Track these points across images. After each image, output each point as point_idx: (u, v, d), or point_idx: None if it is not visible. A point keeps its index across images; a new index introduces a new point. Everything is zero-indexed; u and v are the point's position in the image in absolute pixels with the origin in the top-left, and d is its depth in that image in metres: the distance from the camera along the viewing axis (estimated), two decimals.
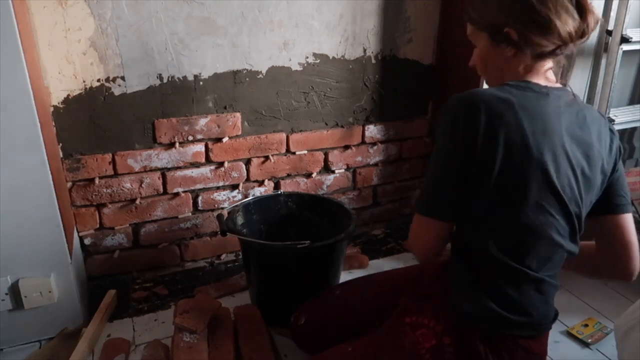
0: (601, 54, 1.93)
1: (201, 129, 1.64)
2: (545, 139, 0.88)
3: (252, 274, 1.55)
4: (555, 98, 0.93)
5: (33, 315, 1.38)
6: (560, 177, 0.90)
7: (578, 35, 0.91)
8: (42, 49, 1.38)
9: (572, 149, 0.91)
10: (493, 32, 0.95)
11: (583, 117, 0.94)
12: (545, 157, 0.88)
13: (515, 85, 0.92)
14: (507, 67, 0.97)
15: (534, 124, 0.88)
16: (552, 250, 0.94)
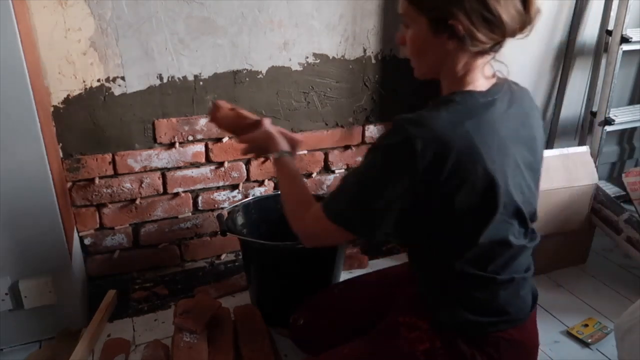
0: (601, 54, 1.93)
1: (201, 128, 1.64)
2: (502, 157, 0.86)
3: (252, 274, 1.55)
4: (500, 103, 0.90)
5: (33, 315, 1.38)
6: (516, 187, 0.90)
7: (521, 28, 0.87)
8: (42, 49, 1.38)
9: (521, 152, 0.91)
10: (435, 20, 0.87)
11: (524, 112, 0.95)
12: (507, 176, 0.86)
13: (462, 102, 0.88)
14: (445, 61, 0.91)
15: (491, 146, 0.85)
16: (515, 252, 0.95)
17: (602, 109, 1.89)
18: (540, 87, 1.89)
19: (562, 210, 1.69)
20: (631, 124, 1.99)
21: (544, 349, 1.43)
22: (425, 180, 0.84)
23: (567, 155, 1.70)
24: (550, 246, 1.75)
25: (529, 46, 1.79)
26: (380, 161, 0.88)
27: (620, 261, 1.87)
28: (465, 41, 0.86)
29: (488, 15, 0.83)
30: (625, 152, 2.34)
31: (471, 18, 0.83)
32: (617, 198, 1.86)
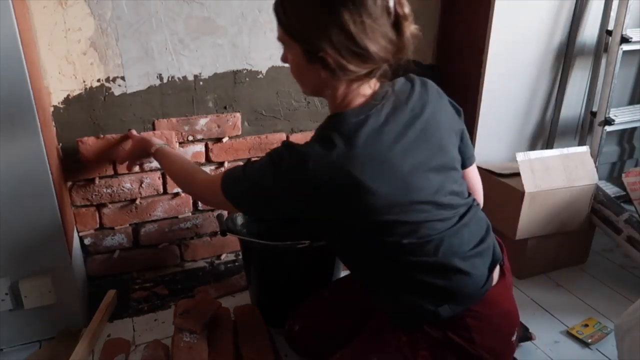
0: (601, 54, 1.93)
1: (201, 129, 1.64)
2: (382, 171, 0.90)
3: (252, 274, 1.55)
4: (375, 117, 0.92)
5: (33, 315, 1.38)
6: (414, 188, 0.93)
7: (395, 55, 0.90)
8: (42, 49, 1.38)
9: (413, 153, 0.94)
10: (307, 49, 0.90)
11: (415, 112, 0.96)
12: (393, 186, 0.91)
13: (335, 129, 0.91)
14: (324, 86, 0.95)
15: (367, 166, 0.89)
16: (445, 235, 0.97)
17: (602, 109, 1.89)
18: (540, 87, 1.89)
19: (562, 210, 1.69)
20: (631, 124, 1.99)
21: (544, 349, 1.43)
22: (305, 205, 0.94)
23: (567, 155, 1.70)
24: (550, 246, 1.75)
25: (529, 46, 1.79)
26: (272, 171, 0.94)
27: (620, 261, 1.87)
28: (336, 72, 0.89)
29: (356, 49, 0.86)
30: (625, 152, 2.34)
31: (340, 51, 0.86)
32: (617, 198, 1.86)
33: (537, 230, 1.69)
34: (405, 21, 0.87)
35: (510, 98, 1.84)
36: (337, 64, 0.88)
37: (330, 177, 0.88)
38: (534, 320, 1.54)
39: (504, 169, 1.75)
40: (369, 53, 0.86)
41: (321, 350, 1.23)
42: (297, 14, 0.89)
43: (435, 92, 1.03)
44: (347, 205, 0.91)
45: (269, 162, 0.94)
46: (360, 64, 0.88)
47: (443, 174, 0.98)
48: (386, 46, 0.87)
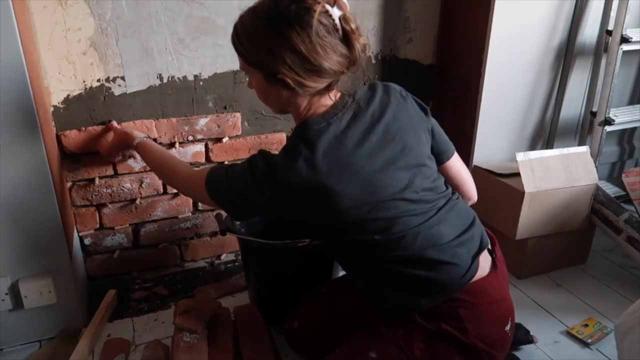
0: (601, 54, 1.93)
1: (201, 129, 1.64)
2: (348, 174, 0.96)
3: (252, 273, 1.55)
4: (336, 124, 0.99)
5: (33, 315, 1.38)
6: (382, 187, 0.98)
7: (349, 68, 0.98)
8: (42, 49, 1.38)
9: (378, 153, 0.99)
10: (266, 73, 0.98)
11: (375, 116, 1.02)
12: (358, 188, 0.97)
13: (300, 139, 0.98)
14: (288, 104, 1.03)
15: (332, 170, 0.95)
16: (420, 229, 1.01)
17: (602, 109, 1.89)
18: (540, 87, 1.89)
19: (562, 210, 1.69)
20: (631, 124, 1.99)
21: (544, 349, 1.43)
22: (281, 209, 1.01)
23: (567, 155, 1.70)
24: (550, 246, 1.75)
25: (529, 46, 1.79)
26: (241, 173, 1.01)
27: (620, 261, 1.87)
28: (296, 90, 0.97)
29: (310, 67, 0.94)
30: (625, 152, 2.34)
31: (296, 71, 0.94)
32: (617, 198, 1.86)
33: (537, 230, 1.69)
34: (353, 35, 0.94)
35: (510, 98, 1.84)
36: (295, 82, 0.95)
37: (298, 184, 0.95)
38: (534, 320, 1.54)
39: (504, 169, 1.75)
40: (323, 69, 0.94)
41: (320, 348, 1.24)
42: (252, 43, 0.97)
43: (398, 94, 1.09)
44: (316, 208, 0.98)
45: (248, 168, 1.00)
46: (317, 79, 0.96)
47: (411, 171, 1.03)
48: (339, 60, 0.95)
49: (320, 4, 0.91)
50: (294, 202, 0.98)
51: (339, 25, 0.94)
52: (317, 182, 0.95)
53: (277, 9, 0.92)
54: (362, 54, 0.97)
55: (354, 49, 0.95)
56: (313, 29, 0.90)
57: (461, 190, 1.21)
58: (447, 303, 1.01)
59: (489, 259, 1.10)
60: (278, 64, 0.94)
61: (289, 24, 0.91)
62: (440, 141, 1.15)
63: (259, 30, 0.95)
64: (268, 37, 0.94)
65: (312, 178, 0.95)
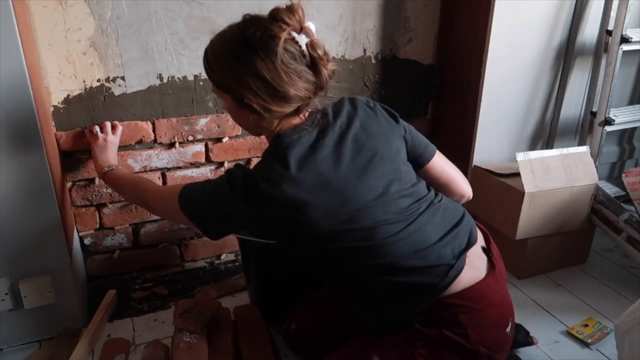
0: (601, 54, 1.93)
1: (201, 129, 1.64)
2: (324, 187, 0.97)
3: (252, 273, 1.55)
4: (306, 137, 1.01)
5: (33, 315, 1.38)
6: (358, 194, 0.99)
7: (316, 93, 0.99)
8: (42, 49, 1.38)
9: (351, 162, 1.00)
10: (234, 97, 1.01)
11: (343, 128, 1.04)
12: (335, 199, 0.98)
13: (273, 154, 1.00)
14: (259, 125, 1.05)
15: (305, 182, 0.96)
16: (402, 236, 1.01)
17: (602, 109, 1.89)
18: (540, 87, 1.89)
19: (562, 210, 1.69)
20: (631, 124, 1.99)
21: (544, 349, 1.43)
22: (256, 222, 1.01)
23: (567, 155, 1.70)
24: (550, 246, 1.75)
25: (529, 46, 1.79)
26: (219, 189, 1.01)
27: (620, 261, 1.87)
28: (262, 114, 0.99)
29: (275, 93, 0.95)
30: (625, 152, 2.34)
31: (260, 96, 0.96)
32: (617, 198, 1.86)
33: (537, 230, 1.69)
34: (320, 61, 0.95)
35: (510, 98, 1.84)
36: (261, 107, 0.97)
37: (272, 196, 0.96)
38: (534, 320, 1.54)
39: (504, 169, 1.75)
40: (289, 95, 0.95)
41: (318, 350, 1.24)
42: (219, 68, 0.99)
43: (365, 105, 1.10)
44: (290, 220, 0.98)
45: (225, 181, 1.00)
46: (283, 104, 0.97)
47: (385, 179, 1.03)
48: (305, 86, 0.96)
49: (286, 31, 0.92)
50: (269, 214, 0.98)
51: (306, 51, 0.95)
52: (290, 193, 0.95)
53: (243, 35, 0.95)
54: (328, 79, 0.99)
55: (321, 75, 0.96)
56: (278, 56, 0.92)
57: (451, 188, 1.20)
58: (446, 309, 1.00)
59: (484, 259, 1.08)
60: (244, 90, 0.96)
61: (254, 51, 0.93)
62: (417, 144, 1.14)
63: (226, 57, 0.97)
64: (234, 63, 0.96)
65: (285, 190, 0.95)
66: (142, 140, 1.58)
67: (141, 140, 1.57)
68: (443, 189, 1.18)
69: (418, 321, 1.01)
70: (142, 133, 1.56)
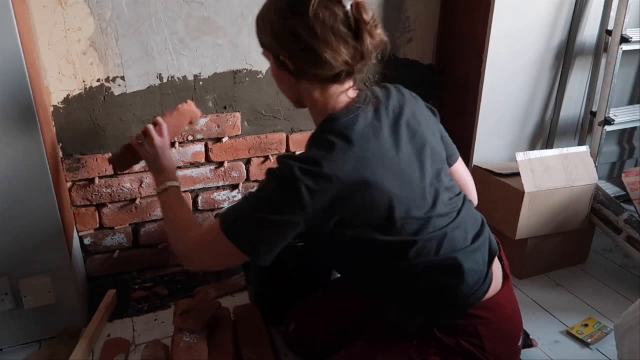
0: (601, 54, 1.93)
1: (201, 129, 1.64)
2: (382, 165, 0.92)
3: (251, 273, 1.55)
4: (363, 116, 0.94)
5: (33, 315, 1.38)
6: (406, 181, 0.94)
7: (357, 60, 0.91)
8: (42, 49, 1.38)
9: (403, 146, 0.96)
10: (274, 56, 0.97)
11: (396, 112, 0.99)
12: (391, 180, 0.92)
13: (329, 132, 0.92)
14: (299, 91, 1.00)
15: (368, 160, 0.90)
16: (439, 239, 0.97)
17: (602, 109, 1.89)
18: (540, 87, 1.89)
19: (562, 210, 1.69)
20: (631, 124, 1.99)
21: (544, 349, 1.43)
22: (315, 212, 0.88)
23: (567, 155, 1.70)
24: (550, 246, 1.75)
25: (529, 46, 1.79)
26: (272, 192, 0.91)
27: (620, 261, 1.87)
28: (298, 76, 0.95)
29: (310, 53, 0.90)
30: (625, 152, 2.34)
31: (295, 55, 0.92)
32: (617, 198, 1.86)
33: (537, 230, 1.69)
34: (365, 26, 0.89)
35: (510, 98, 1.84)
36: (295, 67, 0.94)
37: (337, 176, 0.87)
38: (534, 320, 1.54)
39: (504, 169, 1.75)
40: (323, 56, 0.89)
41: (317, 350, 1.24)
42: (264, 25, 0.96)
43: (410, 95, 1.07)
44: (353, 204, 0.90)
45: (272, 180, 0.91)
46: (316, 66, 0.91)
47: (434, 168, 1.00)
48: (343, 50, 0.89)
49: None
50: (330, 199, 0.88)
51: (351, 14, 0.89)
52: (356, 173, 0.88)
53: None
54: (373, 49, 0.91)
55: (364, 41, 0.89)
56: (314, 13, 0.87)
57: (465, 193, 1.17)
58: (466, 319, 0.98)
59: (499, 267, 1.07)
60: (280, 46, 0.93)
61: (294, 8, 0.89)
62: (448, 144, 1.12)
63: (269, 13, 0.94)
64: (275, 18, 0.93)
65: (350, 170, 0.88)
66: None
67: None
68: None
69: (438, 328, 0.99)
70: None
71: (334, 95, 0.97)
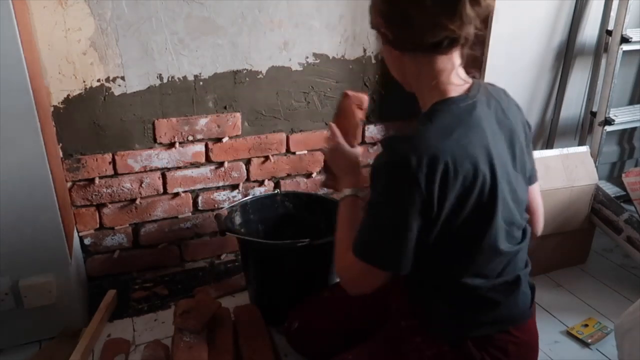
0: (601, 54, 1.93)
1: (201, 129, 1.64)
2: (491, 158, 0.87)
3: (251, 273, 1.55)
4: (480, 104, 0.91)
5: (33, 315, 1.38)
6: (506, 184, 0.91)
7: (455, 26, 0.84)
8: (42, 49, 1.38)
9: (504, 147, 0.93)
10: (379, 32, 0.94)
11: (501, 108, 0.95)
12: (498, 175, 0.88)
13: (446, 111, 0.88)
14: (404, 69, 0.96)
15: (480, 148, 0.86)
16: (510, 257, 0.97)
17: (602, 109, 1.89)
18: (540, 87, 1.89)
19: (562, 210, 1.69)
20: (631, 124, 1.99)
21: (544, 349, 1.43)
22: (427, 193, 0.82)
23: (567, 155, 1.70)
24: (550, 246, 1.75)
25: (529, 46, 1.79)
26: (383, 183, 0.87)
27: (620, 261, 1.87)
28: (399, 45, 0.91)
29: (401, 15, 0.86)
30: (625, 152, 2.34)
31: (389, 21, 0.89)
32: (617, 198, 1.86)
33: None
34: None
35: None
36: (391, 33, 0.90)
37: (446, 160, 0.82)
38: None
39: None
40: (413, 18, 0.84)
41: (319, 350, 1.23)
42: (372, 5, 0.93)
43: (503, 94, 1.01)
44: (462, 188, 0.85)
45: (391, 175, 0.86)
46: (408, 30, 0.87)
47: (519, 177, 0.96)
48: (436, 12, 0.82)
49: None
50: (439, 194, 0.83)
51: None
52: (470, 158, 0.84)
53: None
54: (475, 15, 0.83)
55: (465, 4, 0.81)
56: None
57: (532, 219, 1.09)
58: (501, 334, 0.97)
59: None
60: (380, 17, 0.90)
61: None
62: (531, 160, 1.04)
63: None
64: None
65: (466, 154, 0.84)
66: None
67: None
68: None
69: (471, 338, 0.96)
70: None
71: (444, 71, 0.91)
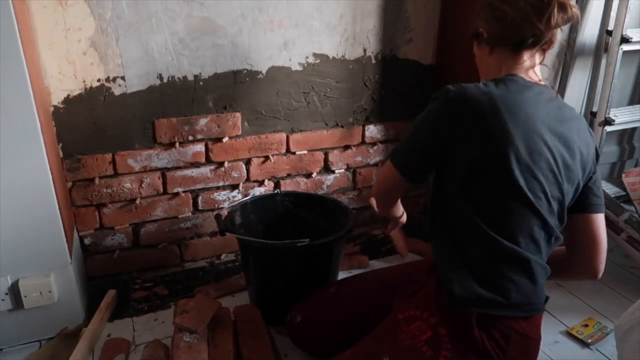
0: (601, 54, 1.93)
1: (201, 128, 1.64)
2: (525, 128, 0.94)
3: (251, 273, 1.55)
4: (536, 92, 0.99)
5: (33, 315, 1.38)
6: (538, 161, 0.95)
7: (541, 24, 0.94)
8: (42, 49, 1.38)
9: (552, 139, 0.97)
10: (475, 36, 1.08)
11: (563, 113, 1.01)
12: (517, 141, 0.93)
13: (501, 80, 0.99)
14: (490, 64, 1.07)
15: (515, 114, 0.94)
16: (539, 230, 0.98)
17: (602, 109, 1.88)
18: None
19: None
20: (631, 124, 1.99)
21: (544, 349, 1.43)
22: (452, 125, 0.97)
23: None
24: None
25: None
26: (426, 110, 1.03)
27: (620, 261, 1.87)
28: (490, 42, 1.03)
29: (495, 11, 0.99)
30: (625, 152, 2.34)
31: (485, 18, 1.03)
32: (617, 198, 1.86)
33: None
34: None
35: None
36: (488, 33, 1.03)
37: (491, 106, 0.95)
38: None
39: None
40: (507, 13, 0.96)
41: (321, 344, 1.24)
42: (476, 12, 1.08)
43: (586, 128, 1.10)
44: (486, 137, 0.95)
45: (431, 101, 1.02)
46: (500, 26, 1.00)
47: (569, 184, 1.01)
48: (525, 8, 0.95)
49: None
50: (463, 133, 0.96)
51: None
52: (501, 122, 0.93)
53: None
54: (560, 17, 0.94)
55: (552, 8, 0.93)
56: None
57: (590, 251, 1.06)
58: (509, 320, 0.98)
59: None
60: (480, 19, 1.04)
61: None
62: (598, 188, 1.07)
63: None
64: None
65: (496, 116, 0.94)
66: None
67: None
68: (582, 246, 1.07)
69: (479, 313, 0.97)
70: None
71: (524, 65, 1.01)
